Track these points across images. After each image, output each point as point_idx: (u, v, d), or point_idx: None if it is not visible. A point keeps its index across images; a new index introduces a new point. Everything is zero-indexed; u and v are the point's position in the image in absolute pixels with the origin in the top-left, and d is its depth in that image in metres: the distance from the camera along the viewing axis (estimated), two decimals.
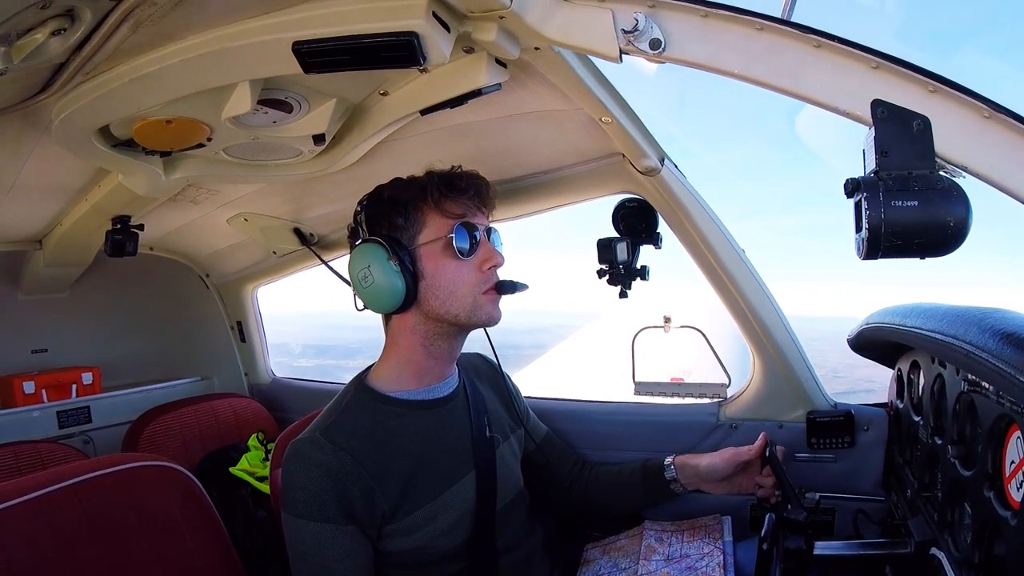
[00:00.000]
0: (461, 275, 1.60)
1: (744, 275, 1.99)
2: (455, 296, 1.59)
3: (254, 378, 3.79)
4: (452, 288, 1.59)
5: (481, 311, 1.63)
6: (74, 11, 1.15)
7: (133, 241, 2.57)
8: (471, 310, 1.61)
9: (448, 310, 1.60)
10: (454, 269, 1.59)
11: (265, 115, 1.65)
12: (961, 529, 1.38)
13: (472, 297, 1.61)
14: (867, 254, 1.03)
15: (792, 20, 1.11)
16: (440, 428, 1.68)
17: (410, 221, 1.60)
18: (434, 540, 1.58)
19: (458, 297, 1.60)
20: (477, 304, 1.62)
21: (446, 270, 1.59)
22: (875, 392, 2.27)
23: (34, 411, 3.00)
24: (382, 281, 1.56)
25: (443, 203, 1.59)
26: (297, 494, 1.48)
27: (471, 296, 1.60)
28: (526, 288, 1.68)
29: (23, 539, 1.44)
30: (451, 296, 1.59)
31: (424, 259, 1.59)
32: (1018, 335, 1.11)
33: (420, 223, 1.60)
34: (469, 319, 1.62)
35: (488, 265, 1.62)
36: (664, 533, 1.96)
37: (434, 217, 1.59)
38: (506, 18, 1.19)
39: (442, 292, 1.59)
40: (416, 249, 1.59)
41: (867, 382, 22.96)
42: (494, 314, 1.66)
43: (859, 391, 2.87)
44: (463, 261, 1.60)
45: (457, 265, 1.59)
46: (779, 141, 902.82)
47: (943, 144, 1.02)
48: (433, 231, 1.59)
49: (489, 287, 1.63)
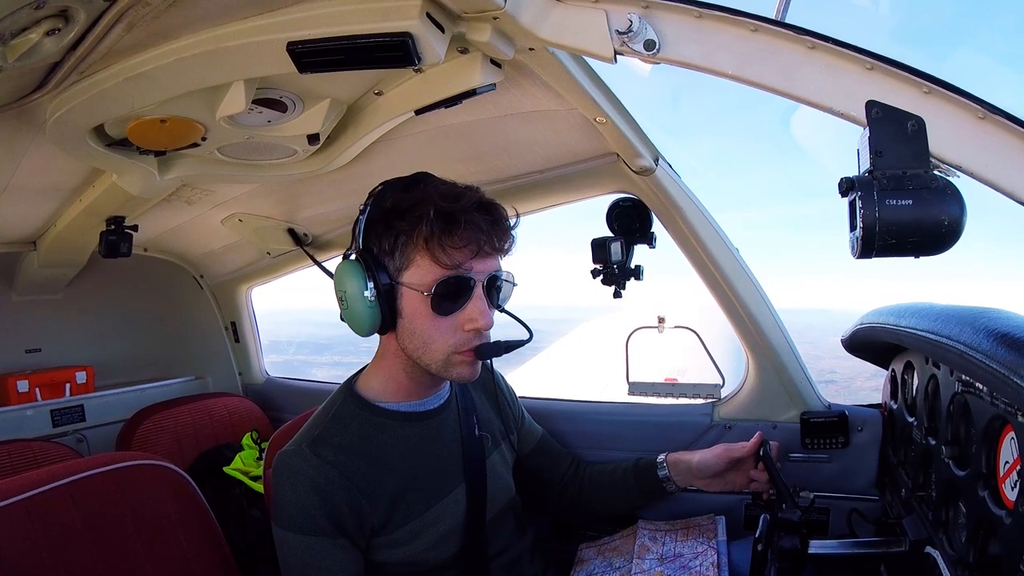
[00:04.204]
0: (438, 331, 1.48)
1: (738, 275, 1.99)
2: (428, 348, 1.50)
3: (248, 378, 3.78)
4: (426, 340, 1.49)
5: (453, 370, 1.53)
6: (68, 11, 1.14)
7: (127, 242, 2.56)
8: (442, 366, 1.52)
9: (420, 358, 1.52)
10: (431, 323, 1.47)
11: (259, 115, 1.65)
12: (956, 528, 1.38)
13: (445, 355, 1.50)
14: (861, 253, 1.04)
15: (786, 21, 1.12)
16: (430, 440, 1.65)
17: (398, 252, 1.46)
18: (423, 553, 1.57)
19: (431, 350, 1.50)
20: (450, 363, 1.51)
21: (423, 321, 1.48)
22: (836, 383, 2.27)
23: (28, 410, 2.98)
24: (355, 307, 1.47)
25: (434, 248, 1.42)
26: (286, 508, 1.47)
27: (444, 354, 1.50)
28: (519, 346, 1.60)
29: (16, 538, 1.43)
30: (424, 346, 1.50)
31: (404, 298, 1.48)
32: (1012, 335, 1.12)
33: (407, 259, 1.46)
34: (439, 373, 1.54)
35: (470, 327, 1.48)
36: (658, 533, 1.96)
37: (423, 259, 1.44)
38: (500, 19, 1.19)
39: (416, 339, 1.50)
40: (398, 285, 1.47)
41: (829, 372, 23.14)
42: (465, 374, 1.54)
43: (822, 381, 2.93)
44: (442, 318, 1.47)
45: (435, 320, 1.47)
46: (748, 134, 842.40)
47: (937, 144, 1.03)
48: (417, 275, 1.45)
49: (466, 349, 1.51)
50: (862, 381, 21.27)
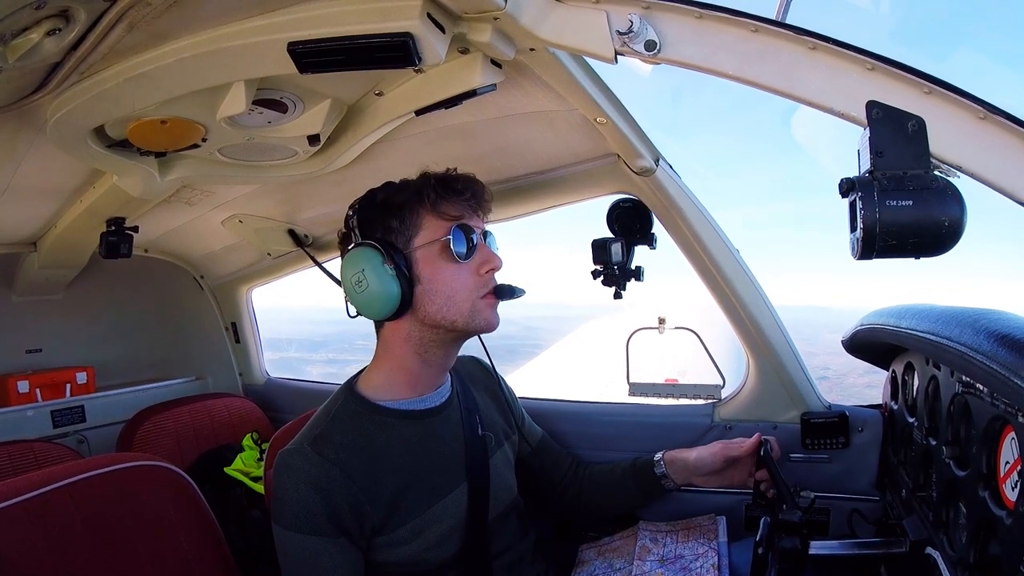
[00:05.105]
0: (459, 279, 1.56)
1: (739, 276, 1.99)
2: (453, 301, 1.56)
3: (248, 378, 3.78)
4: (450, 292, 1.56)
5: (479, 316, 1.59)
6: (69, 11, 1.14)
7: (128, 243, 2.56)
8: (469, 315, 1.57)
9: (445, 315, 1.56)
10: (452, 273, 1.56)
11: (260, 115, 1.64)
12: (956, 529, 1.38)
13: (470, 302, 1.57)
14: (862, 254, 1.04)
15: (787, 22, 1.12)
16: (431, 439, 1.65)
17: (405, 224, 1.56)
18: (424, 552, 1.57)
19: (456, 302, 1.56)
20: (475, 309, 1.58)
21: (443, 274, 1.56)
22: (829, 379, 2.28)
23: (28, 410, 2.98)
24: (377, 286, 1.51)
25: (440, 205, 1.56)
26: (286, 507, 1.47)
27: (469, 301, 1.57)
28: (524, 293, 1.66)
29: (17, 539, 1.43)
30: (448, 301, 1.56)
31: (420, 263, 1.56)
32: (1012, 336, 1.12)
33: (416, 226, 1.56)
34: (467, 325, 1.58)
35: (486, 268, 1.59)
36: (659, 534, 1.96)
37: (430, 219, 1.56)
38: (501, 19, 1.19)
39: (439, 297, 1.56)
40: (412, 253, 1.56)
41: (823, 369, 23.39)
42: (492, 320, 1.62)
43: (816, 378, 2.92)
44: (461, 264, 1.56)
45: (455, 269, 1.56)
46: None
47: (938, 145, 1.03)
48: (429, 234, 1.56)
49: (487, 291, 1.60)
50: (854, 378, 21.39)
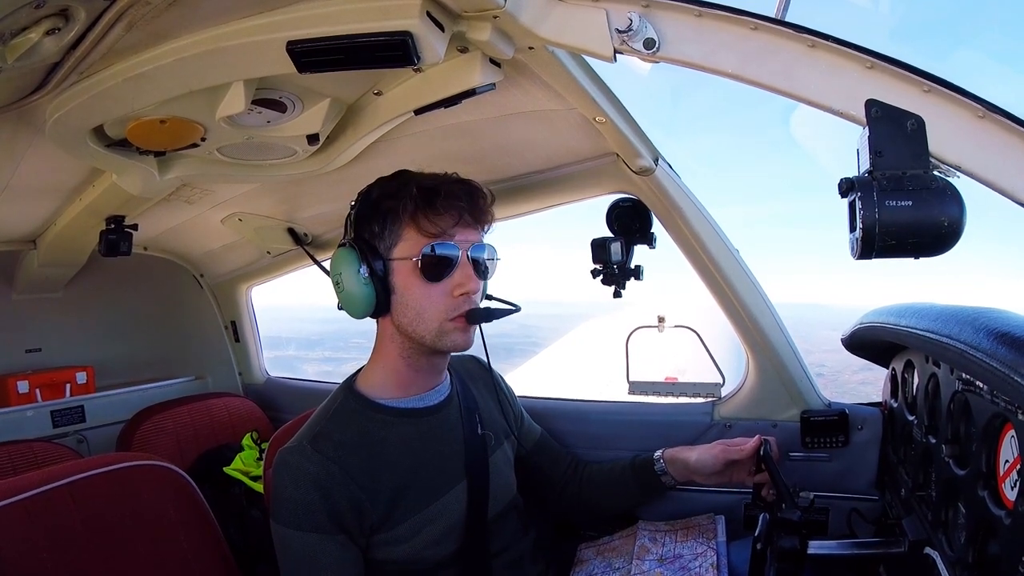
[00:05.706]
0: (429, 299, 1.54)
1: (738, 274, 1.98)
2: (421, 319, 1.55)
3: (248, 378, 3.78)
4: (419, 310, 1.54)
5: (447, 337, 1.56)
6: (68, 11, 1.14)
7: (127, 241, 2.57)
8: (436, 335, 1.56)
9: (415, 330, 1.56)
10: (422, 291, 1.53)
11: (259, 115, 1.64)
12: (955, 528, 1.38)
13: (438, 323, 1.55)
14: (861, 254, 1.04)
15: (786, 20, 1.12)
16: (431, 437, 1.65)
17: (387, 231, 1.54)
18: (423, 550, 1.57)
19: (424, 320, 1.55)
20: (443, 330, 1.55)
21: (414, 291, 1.54)
22: (824, 376, 2.29)
23: (28, 410, 2.98)
24: (352, 288, 1.53)
25: (419, 219, 1.51)
26: (286, 504, 1.47)
27: (437, 321, 1.55)
28: (510, 313, 1.64)
29: (17, 539, 1.43)
30: (418, 317, 1.55)
31: (396, 273, 1.54)
32: (1012, 334, 1.12)
33: (397, 235, 1.54)
34: (435, 344, 1.57)
35: (459, 292, 1.54)
36: (658, 533, 1.96)
37: (410, 232, 1.53)
38: (500, 18, 1.19)
39: (410, 311, 1.55)
40: (390, 262, 1.54)
41: (818, 366, 23.34)
42: (460, 342, 1.59)
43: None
44: (432, 284, 1.53)
45: (426, 288, 1.53)
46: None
47: (937, 144, 1.03)
48: (406, 248, 1.53)
49: (458, 315, 1.56)
50: (849, 375, 21.50)
